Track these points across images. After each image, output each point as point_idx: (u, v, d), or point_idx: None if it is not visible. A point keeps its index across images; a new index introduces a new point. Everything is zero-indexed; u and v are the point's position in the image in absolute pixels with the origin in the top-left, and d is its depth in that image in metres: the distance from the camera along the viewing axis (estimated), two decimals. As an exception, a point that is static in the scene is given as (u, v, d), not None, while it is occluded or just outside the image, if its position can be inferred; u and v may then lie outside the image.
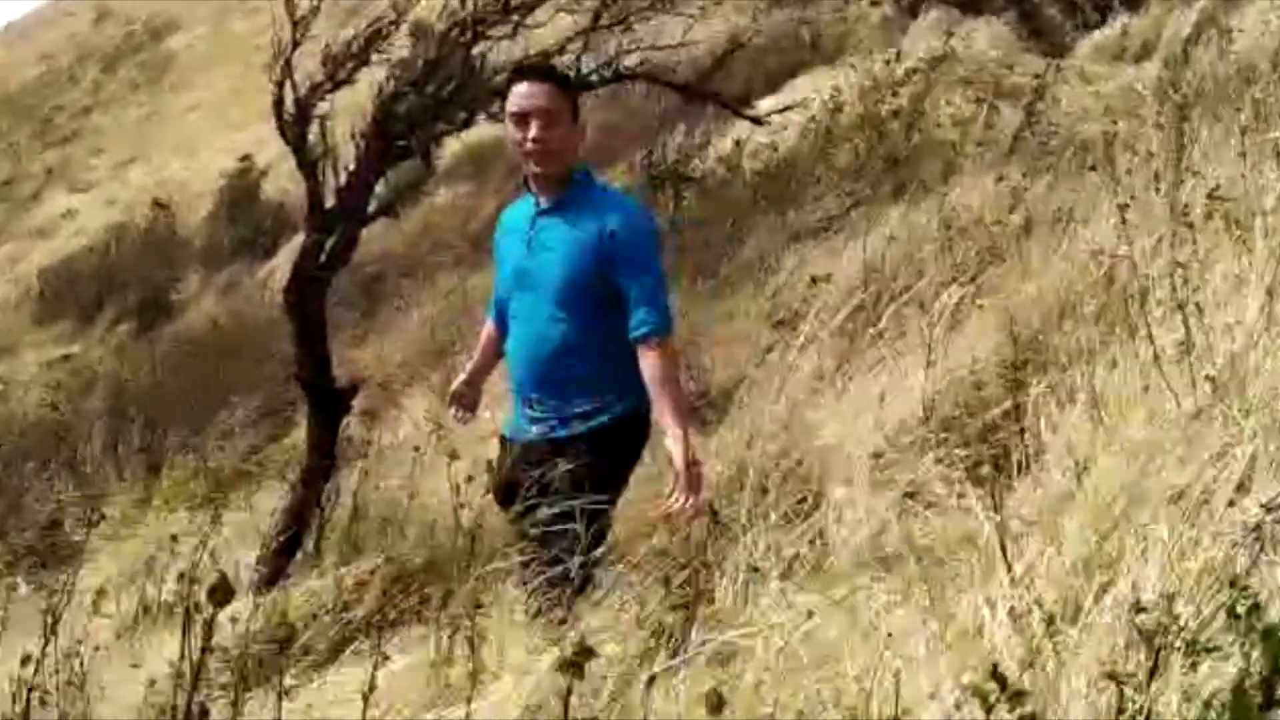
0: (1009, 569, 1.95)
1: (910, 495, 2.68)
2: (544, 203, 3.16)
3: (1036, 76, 7.44)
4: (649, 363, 3.02)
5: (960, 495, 2.51)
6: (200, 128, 21.89)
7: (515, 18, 3.69)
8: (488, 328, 3.51)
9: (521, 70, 3.36)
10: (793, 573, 2.30)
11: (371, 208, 3.76)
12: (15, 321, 17.88)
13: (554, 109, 3.08)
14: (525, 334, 3.19)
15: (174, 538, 3.79)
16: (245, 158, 17.40)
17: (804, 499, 2.94)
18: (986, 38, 10.26)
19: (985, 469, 2.61)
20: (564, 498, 2.93)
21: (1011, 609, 1.89)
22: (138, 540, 6.70)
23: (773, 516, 2.74)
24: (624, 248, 3.05)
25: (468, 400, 3.50)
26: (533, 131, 3.06)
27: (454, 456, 3.34)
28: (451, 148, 14.42)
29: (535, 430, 3.13)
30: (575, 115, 3.17)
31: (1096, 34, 9.58)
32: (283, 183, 14.87)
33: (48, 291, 17.70)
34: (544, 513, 2.94)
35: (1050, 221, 4.22)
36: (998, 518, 1.95)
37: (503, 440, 3.27)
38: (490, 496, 3.23)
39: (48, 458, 8.90)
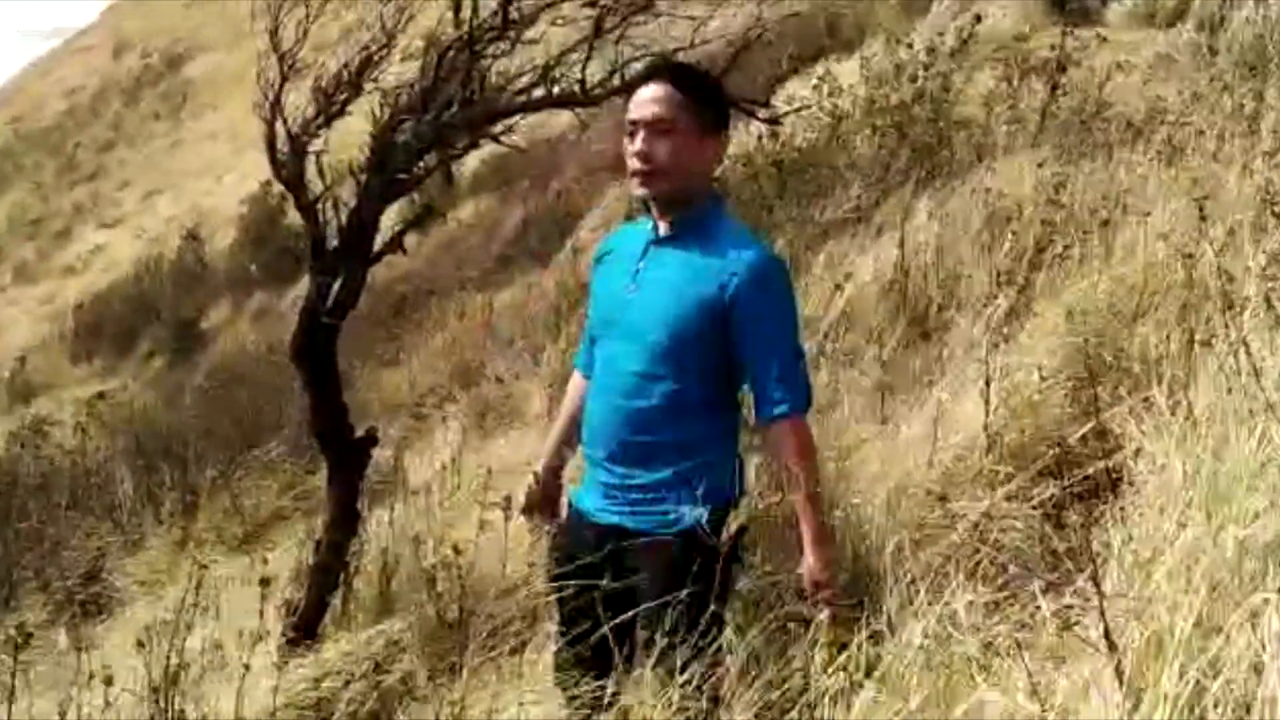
0: (1121, 682, 1.58)
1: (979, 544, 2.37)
2: (662, 229, 2.61)
3: (1063, 49, 7.13)
4: (784, 445, 2.48)
5: (1050, 552, 2.16)
6: (221, 153, 21.92)
7: (513, 33, 3.47)
8: (575, 382, 2.89)
9: (646, 72, 2.79)
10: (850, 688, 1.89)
11: (377, 245, 3.57)
12: (52, 360, 17.98)
13: (669, 117, 2.53)
14: (609, 386, 2.62)
15: (198, 586, 3.56)
16: (267, 182, 17.40)
17: (856, 557, 2.61)
18: (1009, 12, 9.98)
19: (1071, 514, 2.26)
20: (650, 613, 2.41)
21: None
22: (177, 587, 6.60)
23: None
24: (749, 305, 2.47)
25: (548, 498, 2.88)
26: (637, 144, 2.55)
27: (506, 510, 3.02)
28: (474, 161, 14.34)
29: (612, 511, 2.60)
30: (706, 127, 2.57)
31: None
32: (305, 205, 14.80)
33: (81, 329, 17.80)
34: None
35: (1104, 209, 3.90)
36: (1099, 604, 1.60)
37: (571, 506, 2.73)
38: (547, 562, 2.80)
39: (85, 501, 8.83)
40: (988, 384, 2.80)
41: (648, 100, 2.57)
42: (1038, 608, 1.90)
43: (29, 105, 30.61)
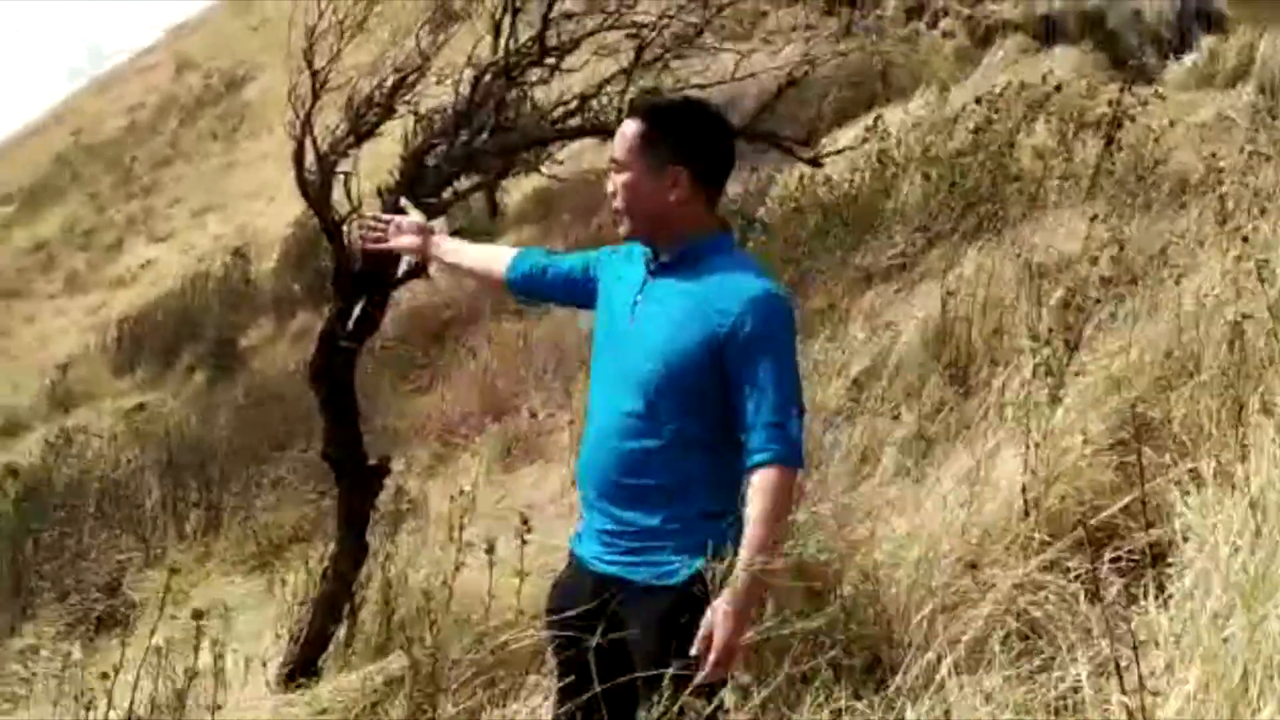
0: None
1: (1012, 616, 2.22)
2: (655, 263, 2.48)
3: (1120, 105, 7.00)
4: (759, 493, 2.27)
5: (1084, 630, 2.01)
6: (272, 175, 22.11)
7: (551, 60, 3.39)
8: (505, 254, 2.80)
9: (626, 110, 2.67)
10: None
11: (402, 269, 3.48)
12: (95, 371, 18.13)
13: (621, 158, 2.45)
14: (603, 425, 2.47)
15: (199, 614, 3.47)
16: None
17: (876, 623, 2.45)
18: (1065, 67, 9.87)
19: (1112, 588, 2.09)
20: (651, 668, 2.25)
21: None
22: (193, 604, 6.54)
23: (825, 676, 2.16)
24: (745, 342, 2.31)
25: (392, 227, 2.73)
26: (608, 185, 2.49)
27: (490, 550, 2.93)
28: (518, 193, 14.37)
29: (607, 560, 2.45)
30: (661, 161, 2.41)
31: (1185, 59, 9.13)
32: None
33: (125, 340, 17.95)
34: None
35: (1153, 267, 3.75)
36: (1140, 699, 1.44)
37: (572, 556, 2.57)
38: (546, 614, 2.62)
39: (111, 512, 8.83)
40: (1027, 447, 2.63)
41: (616, 140, 2.49)
42: (1075, 690, 1.75)
43: (89, 120, 31.16)
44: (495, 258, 2.82)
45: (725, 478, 2.41)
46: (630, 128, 2.46)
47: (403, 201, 2.83)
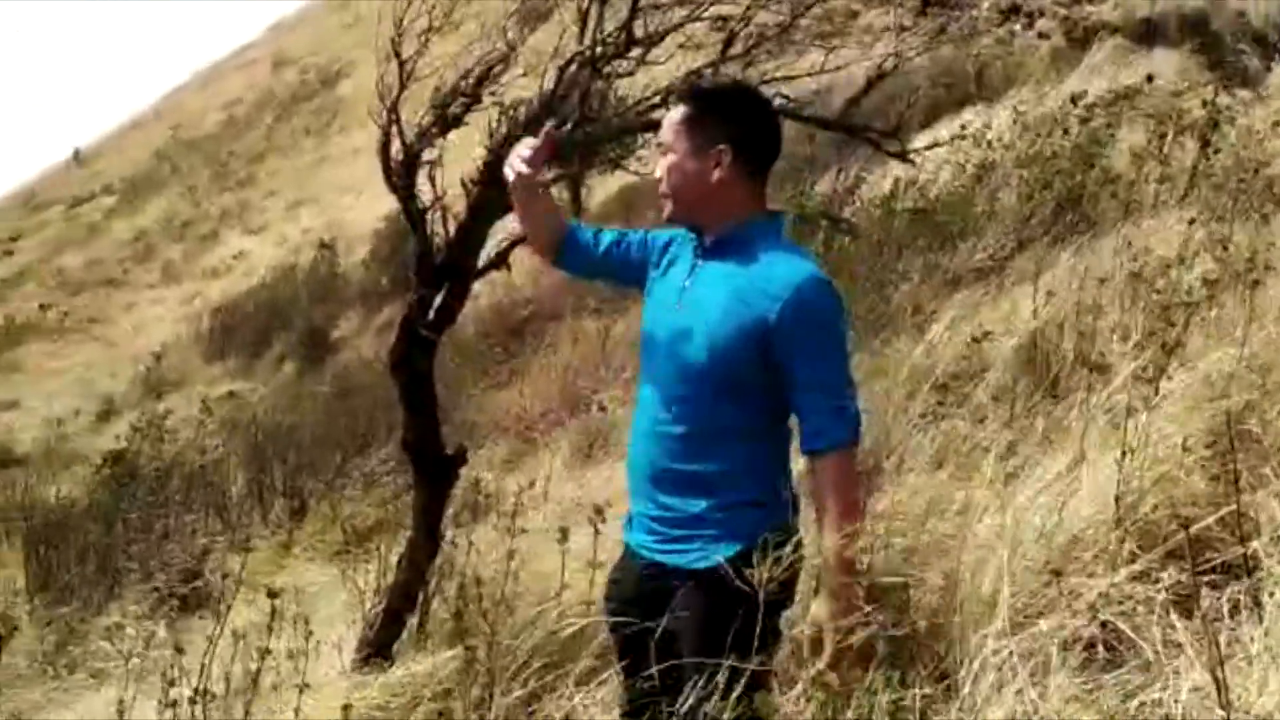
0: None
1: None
2: (706, 241, 2.48)
3: (1216, 107, 6.77)
4: (822, 478, 2.30)
5: (1174, 644, 1.92)
6: (363, 170, 22.45)
7: (636, 52, 3.36)
8: (564, 223, 2.75)
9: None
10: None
11: (482, 261, 3.49)
12: (187, 359, 18.58)
13: (667, 140, 2.45)
14: (649, 413, 2.48)
15: (273, 594, 3.49)
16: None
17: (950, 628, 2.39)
18: (1165, 69, 9.60)
19: (1203, 602, 2.00)
20: (694, 656, 2.26)
21: None
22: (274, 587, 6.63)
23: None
24: (794, 329, 2.30)
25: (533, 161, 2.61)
26: (656, 170, 2.49)
27: (564, 538, 2.94)
28: (602, 191, 14.42)
29: (654, 546, 2.46)
30: (703, 143, 2.41)
31: (1291, 61, 8.82)
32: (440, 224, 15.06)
33: (218, 329, 18.38)
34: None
35: (1254, 271, 3.61)
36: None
37: (624, 542, 2.60)
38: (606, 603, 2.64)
39: (198, 497, 9.02)
40: (1123, 453, 2.53)
41: (664, 125, 2.50)
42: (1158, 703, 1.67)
43: (189, 115, 31.95)
44: (558, 224, 2.77)
45: (769, 466, 2.42)
46: (676, 111, 2.47)
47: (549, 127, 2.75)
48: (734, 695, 2.15)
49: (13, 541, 9.04)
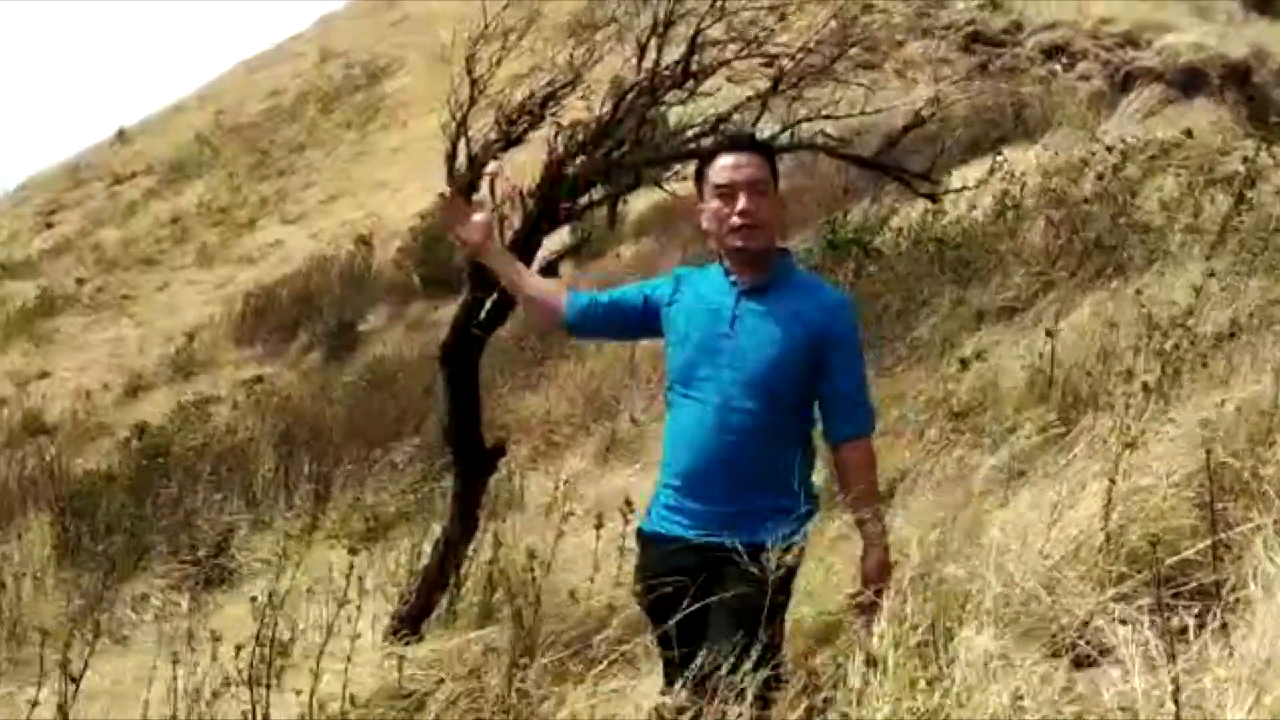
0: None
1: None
2: (744, 282, 2.93)
3: (1254, 163, 6.91)
4: (853, 459, 2.87)
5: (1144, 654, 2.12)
6: (401, 168, 22.74)
7: (692, 83, 3.59)
8: (557, 288, 3.25)
9: (728, 141, 3.19)
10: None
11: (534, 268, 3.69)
12: (217, 340, 18.85)
13: (763, 179, 2.94)
14: (703, 417, 2.88)
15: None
16: (441, 196, 17.86)
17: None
18: (1203, 120, 9.74)
19: (1176, 620, 2.19)
20: (733, 620, 2.66)
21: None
22: (298, 571, 6.82)
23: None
24: (835, 342, 2.89)
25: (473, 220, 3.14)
26: (741, 203, 2.89)
27: (599, 525, 3.16)
28: (640, 205, 14.62)
29: (704, 533, 2.83)
30: (778, 187, 3.01)
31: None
32: (473, 225, 15.24)
33: (249, 315, 18.64)
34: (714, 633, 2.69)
35: (1262, 325, 3.78)
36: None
37: (649, 537, 2.97)
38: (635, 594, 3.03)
39: (226, 477, 9.22)
40: (1112, 482, 2.80)
41: (744, 165, 2.94)
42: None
43: (233, 100, 32.25)
44: (554, 292, 3.25)
45: (804, 461, 2.90)
46: (761, 158, 2.98)
47: (447, 191, 3.16)
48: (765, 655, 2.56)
49: (40, 507, 9.23)
